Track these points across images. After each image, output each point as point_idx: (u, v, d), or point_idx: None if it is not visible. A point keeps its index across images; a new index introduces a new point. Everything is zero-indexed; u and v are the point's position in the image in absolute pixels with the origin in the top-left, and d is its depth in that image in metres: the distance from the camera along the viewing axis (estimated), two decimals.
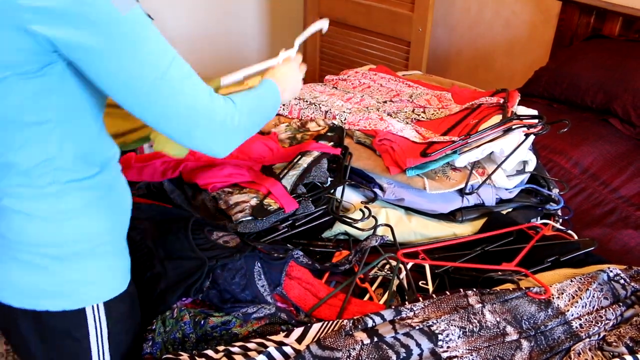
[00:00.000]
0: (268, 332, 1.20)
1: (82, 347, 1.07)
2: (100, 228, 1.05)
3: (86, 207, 1.02)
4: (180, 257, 1.29)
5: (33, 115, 0.91)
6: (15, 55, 0.85)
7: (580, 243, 1.49)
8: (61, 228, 1.00)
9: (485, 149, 1.59)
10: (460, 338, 1.14)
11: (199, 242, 1.34)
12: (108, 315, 1.08)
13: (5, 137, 0.93)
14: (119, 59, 0.87)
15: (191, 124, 0.95)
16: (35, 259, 1.00)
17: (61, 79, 0.91)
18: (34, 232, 0.99)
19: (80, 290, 1.04)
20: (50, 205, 0.99)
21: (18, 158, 0.94)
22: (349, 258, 1.41)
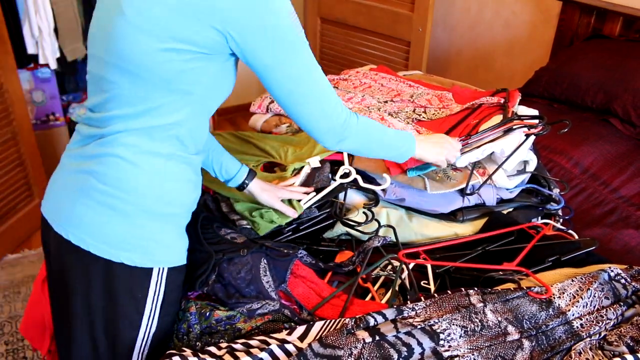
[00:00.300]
0: (271, 330, 1.20)
1: (138, 305, 1.16)
2: (188, 201, 1.21)
3: (184, 179, 1.18)
4: (188, 249, 1.31)
5: (187, 85, 1.09)
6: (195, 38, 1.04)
7: (581, 243, 1.49)
8: (163, 187, 1.14)
9: (486, 149, 1.59)
10: (461, 337, 1.15)
11: (207, 236, 1.38)
12: (168, 281, 1.18)
13: (154, 93, 1.08)
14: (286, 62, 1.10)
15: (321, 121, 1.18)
16: (130, 209, 1.11)
17: (222, 67, 1.11)
18: (138, 183, 1.11)
19: (155, 250, 1.15)
20: (159, 164, 1.13)
21: (151, 113, 1.09)
22: (352, 259, 1.42)
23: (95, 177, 1.10)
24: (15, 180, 2.65)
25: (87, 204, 1.11)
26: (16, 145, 2.62)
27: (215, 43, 1.06)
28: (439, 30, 3.57)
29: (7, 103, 2.52)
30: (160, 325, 1.20)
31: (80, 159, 1.15)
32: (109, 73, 1.09)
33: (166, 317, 1.21)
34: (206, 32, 1.03)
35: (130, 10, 1.04)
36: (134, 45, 1.05)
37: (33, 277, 2.53)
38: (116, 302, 1.16)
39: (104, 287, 1.15)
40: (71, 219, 1.12)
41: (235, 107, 4.01)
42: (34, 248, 2.74)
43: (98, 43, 1.12)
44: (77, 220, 1.12)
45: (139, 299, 1.16)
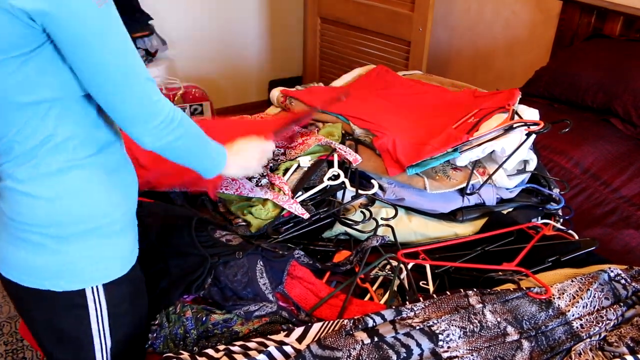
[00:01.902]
0: (269, 332, 1.20)
1: (84, 327, 1.11)
2: (102, 209, 1.08)
3: (87, 187, 1.05)
4: (183, 253, 1.30)
5: (30, 95, 0.95)
6: (8, 38, 0.89)
7: (581, 243, 1.49)
8: (63, 208, 1.04)
9: (487, 148, 1.59)
10: (460, 338, 1.14)
11: (201, 239, 1.36)
12: (108, 297, 1.11)
13: (5, 119, 0.97)
14: (91, 46, 0.92)
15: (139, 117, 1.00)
16: (39, 238, 1.04)
17: (52, 59, 0.94)
18: (37, 213, 1.03)
19: (80, 271, 1.08)
20: (51, 185, 1.02)
21: (18, 138, 0.98)
22: (350, 259, 1.41)
23: (2, 212, 1.05)
24: None
25: (5, 238, 1.06)
26: None
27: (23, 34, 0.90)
28: (439, 30, 3.57)
29: None
30: (119, 339, 1.16)
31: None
32: None
33: (122, 328, 1.16)
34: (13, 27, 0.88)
35: None
36: None
37: None
38: (61, 329, 1.12)
39: (43, 316, 1.12)
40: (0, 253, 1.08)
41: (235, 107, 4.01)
42: None
43: None
44: (3, 255, 1.08)
45: (82, 321, 1.11)
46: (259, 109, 2.31)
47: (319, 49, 3.72)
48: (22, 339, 2.23)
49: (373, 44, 3.45)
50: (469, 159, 1.61)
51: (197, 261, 1.29)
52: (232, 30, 3.75)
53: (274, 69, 4.06)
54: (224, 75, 3.80)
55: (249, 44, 3.91)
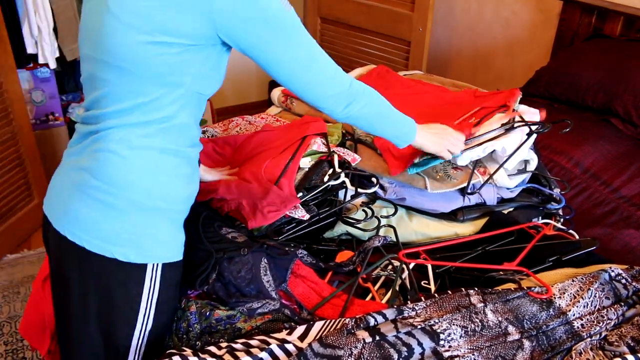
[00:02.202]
0: (271, 330, 1.20)
1: (133, 303, 1.16)
2: (182, 196, 1.20)
3: (178, 172, 1.17)
4: (188, 248, 1.31)
5: (175, 77, 1.09)
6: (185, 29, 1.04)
7: (581, 243, 1.49)
8: (155, 181, 1.14)
9: (487, 148, 1.59)
10: (462, 337, 1.14)
11: (208, 235, 1.37)
12: (163, 278, 1.17)
13: (145, 88, 1.09)
14: (286, 46, 1.11)
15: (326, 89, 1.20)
16: (122, 204, 1.11)
17: (205, 58, 1.10)
18: (128, 177, 1.11)
19: (149, 245, 1.14)
20: (152, 159, 1.13)
21: (145, 108, 1.10)
22: (352, 259, 1.41)
23: (89, 173, 1.11)
24: (15, 180, 2.65)
25: (81, 199, 1.11)
26: (16, 145, 2.61)
27: (203, 34, 1.06)
28: (439, 30, 3.57)
29: (7, 103, 2.52)
30: (157, 323, 1.20)
31: (77, 155, 1.16)
32: (100, 71, 1.10)
33: (162, 315, 1.21)
34: (194, 23, 1.04)
35: (117, 7, 1.04)
36: (122, 42, 1.05)
37: (32, 278, 2.52)
38: (111, 300, 1.16)
39: (98, 283, 1.15)
40: (67, 215, 1.13)
41: (236, 106, 4.01)
42: (34, 248, 2.74)
43: (88, 42, 1.13)
44: (73, 216, 1.12)
45: (134, 296, 1.16)
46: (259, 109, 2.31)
47: None
48: (22, 339, 2.23)
49: (373, 44, 3.46)
50: (470, 158, 1.61)
51: (203, 256, 1.30)
52: None
53: None
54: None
55: None
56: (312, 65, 1.16)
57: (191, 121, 1.17)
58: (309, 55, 1.15)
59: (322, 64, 1.18)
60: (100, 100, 1.13)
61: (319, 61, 1.17)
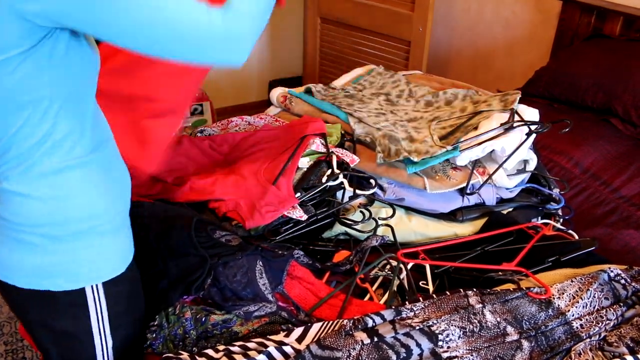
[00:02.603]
0: (268, 332, 1.19)
1: (84, 326, 1.10)
2: (99, 208, 1.07)
3: (83, 186, 1.04)
4: (182, 254, 1.30)
5: (28, 94, 0.93)
6: (9, 37, 0.86)
7: (581, 243, 1.49)
8: (59, 208, 1.02)
9: (487, 147, 1.59)
10: (460, 338, 1.14)
11: (201, 240, 1.36)
12: (107, 295, 1.10)
13: (4, 120, 0.95)
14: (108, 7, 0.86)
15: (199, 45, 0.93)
16: (35, 239, 1.03)
17: (50, 56, 0.92)
18: (32, 213, 1.01)
19: (79, 270, 1.07)
20: (47, 186, 1.00)
21: (16, 138, 0.96)
22: (349, 258, 1.41)
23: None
24: None
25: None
26: None
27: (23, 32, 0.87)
28: (439, 30, 3.57)
29: None
30: (119, 338, 1.16)
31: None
32: None
33: (122, 329, 1.16)
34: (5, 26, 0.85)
35: None
36: None
37: None
38: (61, 329, 1.11)
39: (43, 317, 1.10)
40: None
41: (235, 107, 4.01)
42: None
43: None
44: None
45: (82, 320, 1.10)
46: (259, 109, 2.31)
47: (319, 49, 3.72)
48: (22, 339, 2.23)
49: (373, 44, 3.45)
50: (469, 158, 1.60)
51: (197, 262, 1.29)
52: None
53: (274, 69, 4.06)
54: (224, 75, 3.80)
55: None
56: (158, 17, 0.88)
57: (78, 127, 1.01)
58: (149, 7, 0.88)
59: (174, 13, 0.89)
60: None
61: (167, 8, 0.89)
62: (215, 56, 0.96)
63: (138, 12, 0.88)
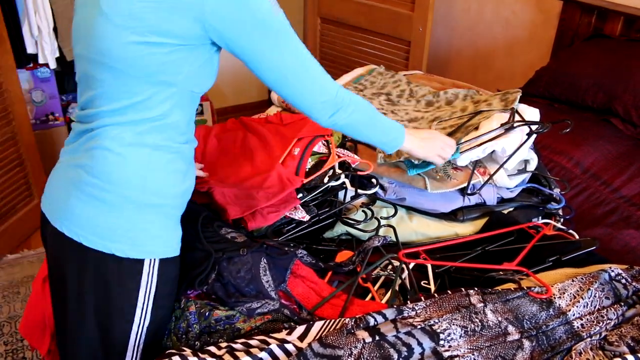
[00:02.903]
0: (271, 329, 1.20)
1: (131, 298, 1.17)
2: (177, 191, 1.20)
3: (172, 168, 1.18)
4: (188, 248, 1.31)
5: (167, 76, 1.10)
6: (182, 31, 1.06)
7: (581, 243, 1.49)
8: (149, 177, 1.15)
9: (487, 148, 1.59)
10: (461, 337, 1.14)
11: (207, 235, 1.37)
12: (160, 273, 1.18)
13: (138, 87, 1.10)
14: (274, 50, 1.12)
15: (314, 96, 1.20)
16: (118, 200, 1.13)
17: (195, 58, 1.12)
18: (123, 174, 1.13)
19: (145, 241, 1.16)
20: (146, 155, 1.14)
21: (138, 107, 1.11)
22: (352, 259, 1.41)
23: (85, 170, 1.13)
24: (15, 180, 2.65)
25: (78, 196, 1.13)
26: (16, 145, 2.61)
27: (195, 34, 1.08)
28: (439, 30, 3.57)
29: (7, 103, 2.52)
30: (154, 319, 1.21)
31: (72, 153, 1.18)
32: (95, 70, 1.12)
33: (160, 310, 1.22)
34: (186, 24, 1.06)
35: (109, 8, 1.06)
36: (115, 42, 1.07)
37: (32, 277, 2.52)
38: (109, 295, 1.17)
39: (96, 279, 1.16)
40: (65, 211, 1.15)
41: (235, 106, 4.01)
42: (34, 248, 2.74)
43: (82, 42, 1.14)
44: (70, 213, 1.14)
45: (131, 291, 1.17)
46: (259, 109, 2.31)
47: (319, 49, 3.72)
48: (22, 339, 2.23)
49: (373, 44, 3.46)
50: (470, 159, 1.61)
51: (202, 256, 1.30)
52: None
53: None
54: (224, 75, 3.80)
55: None
56: (300, 71, 1.16)
57: (184, 118, 1.19)
58: (297, 61, 1.15)
59: (311, 70, 1.18)
60: (94, 99, 1.14)
61: (307, 68, 1.18)
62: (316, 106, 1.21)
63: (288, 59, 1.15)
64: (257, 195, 1.45)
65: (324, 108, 1.22)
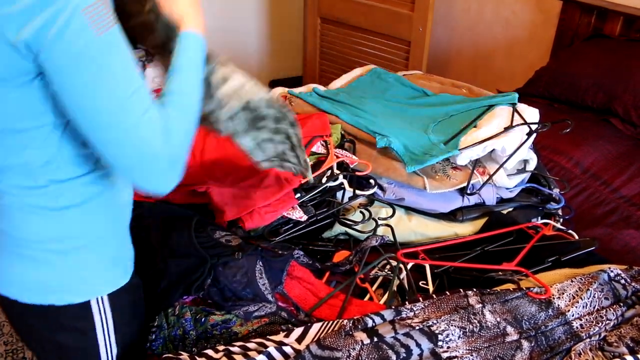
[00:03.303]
0: (268, 332, 1.19)
1: (90, 339, 1.10)
2: (100, 222, 1.07)
3: (85, 202, 1.03)
4: (182, 254, 1.30)
5: (32, 121, 0.92)
6: (7, 68, 0.86)
7: (581, 243, 1.49)
8: (62, 223, 1.02)
9: (487, 146, 1.59)
10: (460, 338, 1.14)
11: (201, 240, 1.36)
12: (113, 307, 1.10)
13: (5, 144, 0.95)
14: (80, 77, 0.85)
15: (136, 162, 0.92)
16: (38, 254, 1.02)
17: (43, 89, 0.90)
18: (35, 228, 1.01)
19: (83, 283, 1.07)
20: (50, 202, 1.00)
21: (18, 161, 0.96)
22: (349, 259, 1.41)
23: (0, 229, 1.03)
24: None
25: (0, 256, 1.04)
26: None
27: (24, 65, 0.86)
28: (439, 30, 3.57)
29: None
30: (124, 346, 1.16)
31: None
32: None
33: (126, 336, 1.16)
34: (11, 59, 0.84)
35: None
36: None
37: None
38: (66, 345, 1.11)
39: (47, 331, 1.10)
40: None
41: None
42: None
43: None
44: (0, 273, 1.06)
45: (88, 332, 1.09)
46: None
47: (319, 49, 3.72)
48: None
49: (373, 44, 3.45)
50: (469, 157, 1.60)
51: (197, 262, 1.29)
52: (232, 30, 3.75)
53: (274, 69, 4.06)
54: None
55: (249, 44, 3.91)
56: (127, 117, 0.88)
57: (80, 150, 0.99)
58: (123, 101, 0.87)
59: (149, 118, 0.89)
60: None
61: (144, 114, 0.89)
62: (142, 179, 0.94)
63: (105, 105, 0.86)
64: (254, 194, 1.45)
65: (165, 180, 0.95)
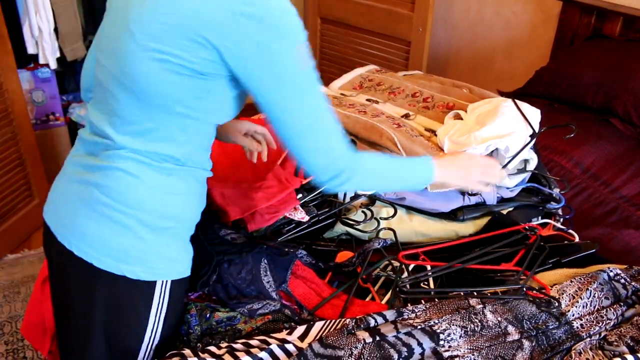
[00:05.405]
0: (271, 330, 1.20)
1: (141, 318, 1.16)
2: (191, 214, 1.19)
3: (187, 192, 1.16)
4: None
5: (185, 109, 1.06)
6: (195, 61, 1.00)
7: (581, 246, 1.49)
8: (164, 201, 1.13)
9: (490, 145, 1.59)
10: (461, 337, 1.14)
11: (207, 237, 1.37)
12: (171, 294, 1.17)
13: (153, 114, 1.07)
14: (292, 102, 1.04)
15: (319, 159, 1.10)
16: (133, 222, 1.10)
17: (221, 90, 1.06)
18: (140, 197, 1.10)
19: (158, 263, 1.14)
20: (161, 179, 1.11)
21: (153, 134, 1.08)
22: (352, 260, 1.42)
23: (98, 190, 1.09)
24: (15, 180, 2.65)
25: (90, 215, 1.10)
26: (16, 145, 2.62)
27: (211, 66, 1.01)
28: (439, 30, 3.57)
29: (7, 103, 2.52)
30: (163, 337, 1.19)
31: (83, 168, 1.14)
32: (113, 87, 1.08)
33: (169, 328, 1.20)
34: (202, 54, 0.99)
35: (135, 25, 1.01)
36: (137, 65, 1.03)
37: (33, 277, 2.52)
38: (119, 316, 1.15)
39: (106, 300, 1.14)
40: (74, 230, 1.11)
41: None
42: (34, 248, 2.74)
43: (106, 54, 1.10)
44: (80, 232, 1.10)
45: (142, 312, 1.15)
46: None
47: (319, 49, 3.72)
48: (22, 339, 2.23)
49: (373, 44, 3.46)
50: None
51: (203, 258, 1.30)
52: None
53: None
54: None
55: None
56: (304, 129, 1.07)
57: (202, 147, 1.16)
58: (304, 118, 1.06)
59: (317, 131, 1.08)
60: (110, 115, 1.11)
61: (314, 127, 1.07)
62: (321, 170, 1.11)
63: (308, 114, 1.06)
64: (256, 195, 1.45)
65: (324, 171, 1.11)
